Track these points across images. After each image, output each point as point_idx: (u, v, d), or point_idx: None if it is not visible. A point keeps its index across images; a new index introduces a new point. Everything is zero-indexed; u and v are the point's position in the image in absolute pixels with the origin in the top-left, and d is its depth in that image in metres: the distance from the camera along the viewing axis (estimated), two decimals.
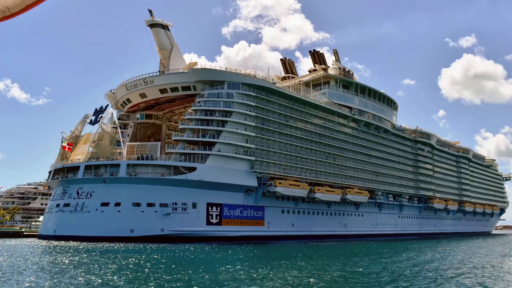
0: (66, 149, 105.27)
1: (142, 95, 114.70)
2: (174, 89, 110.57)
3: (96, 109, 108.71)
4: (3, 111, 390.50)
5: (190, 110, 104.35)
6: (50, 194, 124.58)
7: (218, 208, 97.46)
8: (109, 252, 66.61)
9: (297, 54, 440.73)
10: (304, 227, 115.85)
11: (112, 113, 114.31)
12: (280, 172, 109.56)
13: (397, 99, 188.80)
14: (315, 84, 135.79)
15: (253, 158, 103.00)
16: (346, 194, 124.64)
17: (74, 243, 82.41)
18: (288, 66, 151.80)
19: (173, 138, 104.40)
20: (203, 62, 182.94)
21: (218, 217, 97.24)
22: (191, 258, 61.79)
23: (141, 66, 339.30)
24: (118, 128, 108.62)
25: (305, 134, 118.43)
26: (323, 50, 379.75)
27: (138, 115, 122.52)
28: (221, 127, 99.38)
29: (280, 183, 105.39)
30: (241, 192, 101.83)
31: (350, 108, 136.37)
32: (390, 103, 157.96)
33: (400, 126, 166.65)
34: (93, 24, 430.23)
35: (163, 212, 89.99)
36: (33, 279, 36.94)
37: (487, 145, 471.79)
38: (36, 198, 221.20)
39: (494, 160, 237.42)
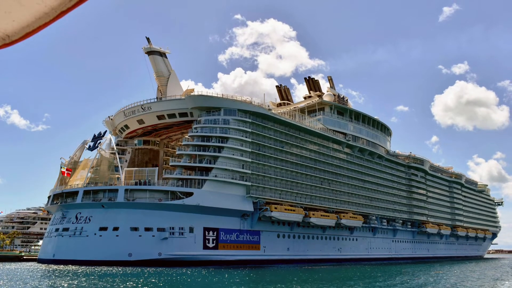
0: (65, 175, 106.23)
1: (140, 121, 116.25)
2: (171, 116, 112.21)
3: (94, 135, 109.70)
4: (3, 137, 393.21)
5: (187, 136, 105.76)
6: (49, 219, 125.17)
7: (215, 233, 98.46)
8: (107, 276, 67.60)
9: (293, 81, 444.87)
10: (300, 251, 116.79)
11: (110, 139, 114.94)
12: (276, 197, 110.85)
13: (391, 125, 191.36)
14: (310, 110, 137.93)
15: (249, 183, 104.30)
16: (341, 219, 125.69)
17: (73, 267, 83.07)
18: (284, 92, 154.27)
19: (170, 164, 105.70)
20: (200, 89, 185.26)
21: (214, 242, 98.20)
22: (188, 282, 63.04)
23: (139, 92, 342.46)
24: (116, 153, 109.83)
25: (300, 159, 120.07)
26: (318, 77, 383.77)
27: (136, 141, 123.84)
28: (218, 153, 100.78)
29: (275, 208, 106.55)
30: (237, 217, 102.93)
31: (345, 134, 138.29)
32: (384, 129, 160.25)
33: (394, 151, 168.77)
34: (91, 51, 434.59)
35: (161, 236, 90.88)
36: None
37: (479, 171, 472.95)
38: (36, 222, 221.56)
39: (487, 185, 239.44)
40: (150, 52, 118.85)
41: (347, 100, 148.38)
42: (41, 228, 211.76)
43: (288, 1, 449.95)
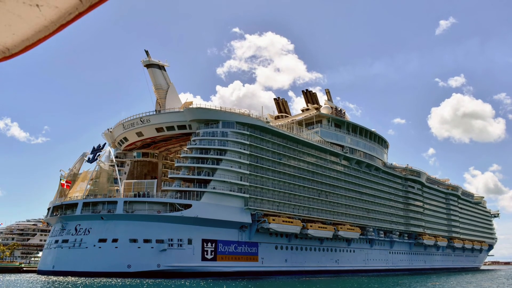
0: (65, 187, 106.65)
1: (139, 134, 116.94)
2: (170, 128, 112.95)
3: (94, 148, 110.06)
4: (3, 150, 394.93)
5: (185, 149, 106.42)
6: (49, 231, 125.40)
7: (213, 244, 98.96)
8: (106, 287, 68.24)
9: (290, 93, 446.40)
10: (297, 263, 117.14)
11: (110, 152, 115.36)
12: (274, 209, 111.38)
13: (388, 138, 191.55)
14: (308, 123, 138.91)
15: (247, 196, 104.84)
16: (338, 231, 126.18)
17: (73, 278, 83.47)
18: (282, 105, 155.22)
19: (169, 176, 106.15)
20: (198, 102, 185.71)
21: (213, 253, 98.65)
22: None
23: (137, 105, 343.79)
24: (115, 166, 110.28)
25: (298, 172, 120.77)
26: (316, 89, 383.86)
27: (135, 153, 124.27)
28: (216, 165, 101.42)
29: (273, 220, 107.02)
30: (235, 229, 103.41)
31: (342, 146, 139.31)
32: (381, 141, 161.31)
33: (391, 164, 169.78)
34: (90, 64, 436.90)
35: (159, 248, 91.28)
36: None
37: (475, 183, 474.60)
38: (35, 234, 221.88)
39: (483, 197, 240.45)
40: (149, 65, 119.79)
41: (344, 112, 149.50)
42: (40, 240, 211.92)
43: (286, 14, 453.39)
